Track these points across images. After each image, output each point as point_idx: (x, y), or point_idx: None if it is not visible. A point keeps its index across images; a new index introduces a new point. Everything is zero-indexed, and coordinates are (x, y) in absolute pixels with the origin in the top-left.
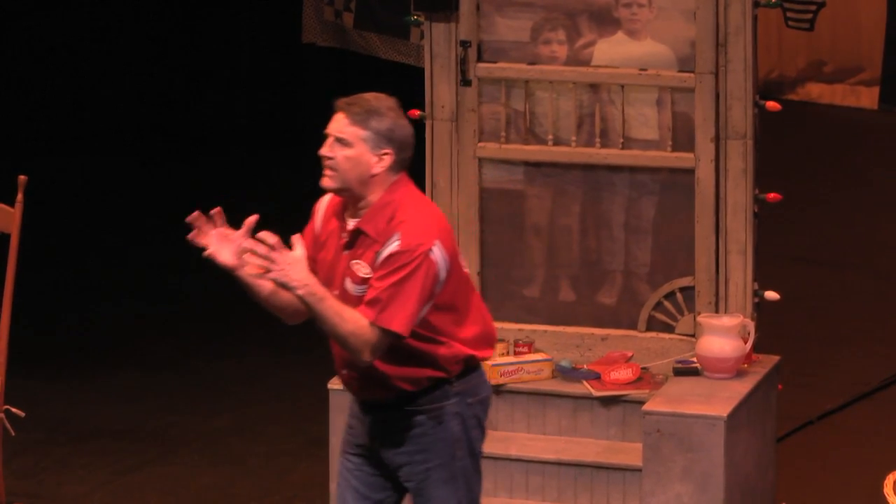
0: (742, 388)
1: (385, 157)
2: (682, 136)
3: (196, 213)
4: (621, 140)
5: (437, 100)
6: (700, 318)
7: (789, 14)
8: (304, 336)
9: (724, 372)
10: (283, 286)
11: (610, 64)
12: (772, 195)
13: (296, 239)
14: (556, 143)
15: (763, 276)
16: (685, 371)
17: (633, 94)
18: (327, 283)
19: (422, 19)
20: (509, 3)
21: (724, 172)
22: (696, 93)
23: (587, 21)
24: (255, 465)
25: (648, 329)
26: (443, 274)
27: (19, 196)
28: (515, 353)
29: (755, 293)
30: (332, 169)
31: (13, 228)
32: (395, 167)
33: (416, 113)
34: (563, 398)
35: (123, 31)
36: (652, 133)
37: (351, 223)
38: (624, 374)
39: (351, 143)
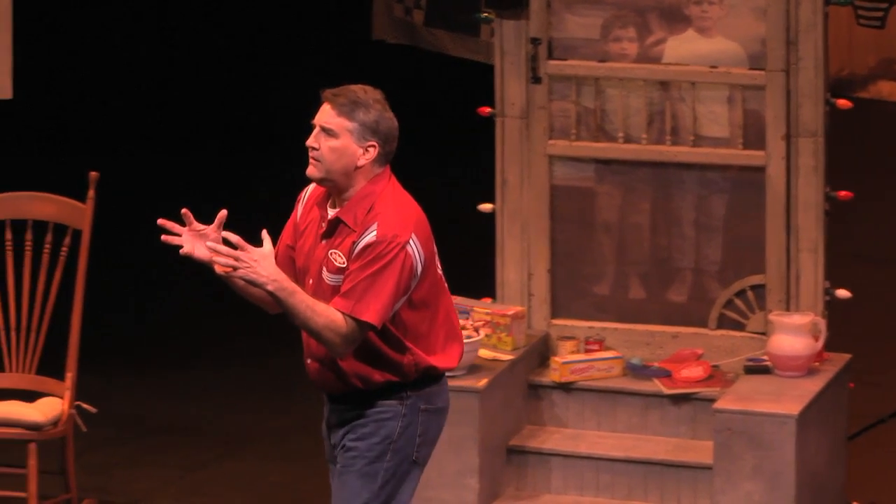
0: (813, 386)
1: (370, 149)
2: (752, 134)
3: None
4: (692, 137)
5: (508, 97)
6: (771, 316)
7: (860, 12)
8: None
9: (795, 370)
10: (252, 283)
11: (680, 61)
12: (843, 193)
13: (264, 234)
14: (627, 140)
15: (833, 275)
16: (756, 369)
17: (703, 92)
18: (304, 271)
19: (492, 16)
20: (580, 1)
21: (795, 170)
22: (767, 90)
23: (657, 18)
24: (323, 462)
25: (719, 327)
26: (418, 268)
27: (91, 192)
28: (586, 351)
29: (826, 291)
30: (316, 159)
31: (84, 224)
32: (380, 160)
33: (487, 110)
34: (633, 396)
35: (193, 27)
36: (722, 130)
37: (331, 213)
38: (694, 371)
39: (337, 133)
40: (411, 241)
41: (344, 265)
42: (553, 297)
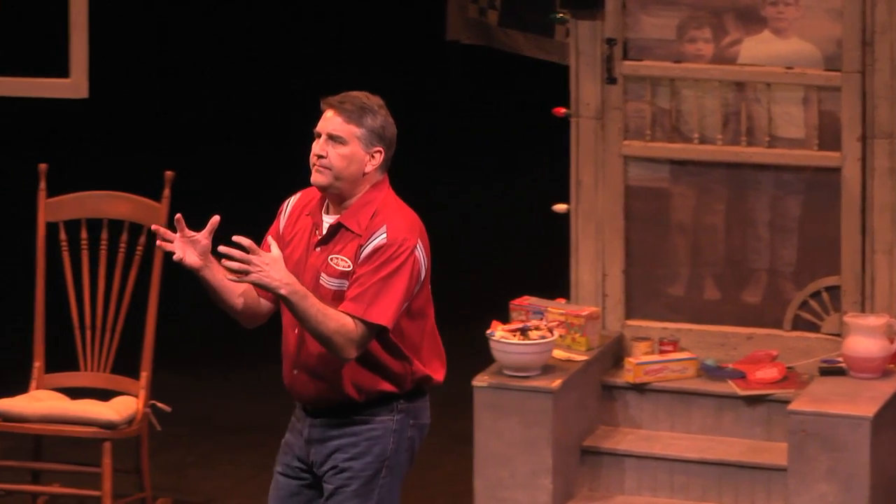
0: (888, 388)
1: (376, 155)
2: (827, 135)
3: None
4: (767, 138)
5: (583, 98)
6: (846, 318)
7: None
8: (446, 333)
9: (870, 372)
10: (264, 288)
11: (756, 62)
12: None
13: (270, 240)
14: (702, 141)
15: None
16: (831, 370)
17: (779, 93)
18: (300, 279)
19: (567, 17)
20: (655, 1)
21: (870, 171)
22: (843, 91)
23: (733, 19)
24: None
25: (794, 328)
26: (423, 274)
27: (166, 191)
28: (660, 352)
29: None
30: (325, 167)
31: (160, 224)
32: (383, 166)
33: (562, 111)
34: (707, 397)
35: (267, 25)
36: (798, 132)
37: (328, 219)
38: (769, 373)
39: (346, 140)
40: (418, 247)
41: (349, 268)
42: (627, 297)
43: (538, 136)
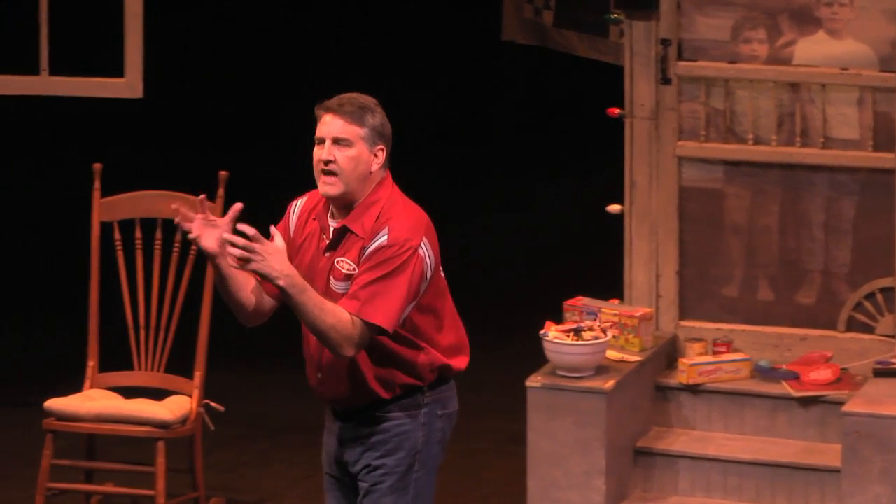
0: None
1: (379, 153)
2: (882, 136)
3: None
4: (821, 139)
5: (637, 98)
6: None
7: None
8: (499, 333)
9: None
10: (264, 277)
11: (810, 63)
12: None
13: (275, 230)
14: (756, 142)
15: None
16: (885, 372)
17: (833, 94)
18: (311, 284)
19: (622, 17)
20: (710, 2)
21: None
22: None
23: (787, 20)
24: (452, 461)
25: (848, 329)
26: (429, 272)
27: (220, 191)
28: (714, 353)
29: None
30: (333, 173)
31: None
32: (385, 163)
33: (616, 111)
34: (761, 398)
35: (321, 25)
36: (852, 133)
37: (335, 223)
38: (823, 374)
39: (352, 142)
40: (423, 245)
41: (353, 271)
42: (681, 298)
43: (592, 137)
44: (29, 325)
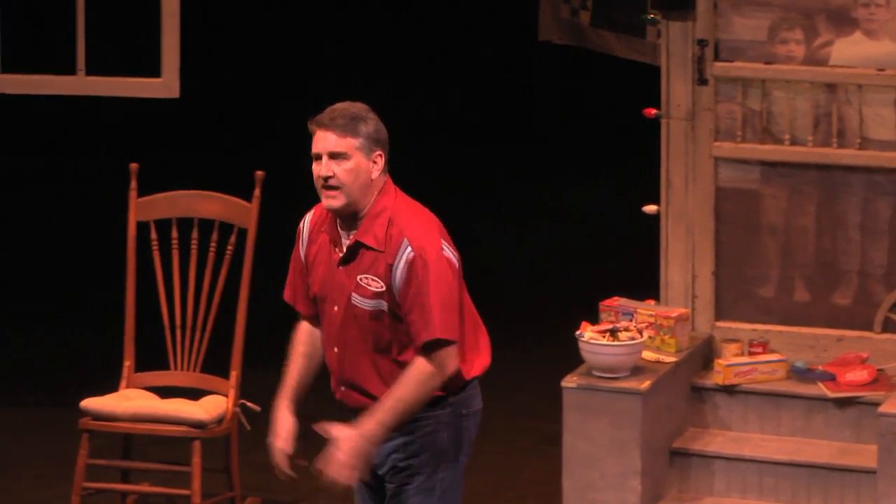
0: None
1: (378, 159)
2: None
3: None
4: (858, 140)
5: (674, 98)
6: None
7: None
8: (535, 333)
9: None
10: (363, 468)
11: (847, 64)
12: None
13: (328, 429)
14: (793, 142)
15: None
16: None
17: (870, 95)
18: (323, 299)
19: (659, 18)
20: (746, 2)
21: None
22: None
23: (824, 21)
24: (488, 461)
25: (884, 330)
26: (457, 266)
27: (256, 191)
28: (750, 354)
29: None
30: (334, 188)
31: (250, 223)
32: (385, 168)
33: (652, 112)
34: (797, 399)
35: (360, 26)
36: (889, 133)
37: (347, 237)
38: (859, 375)
39: (348, 154)
40: (443, 244)
41: (381, 289)
42: (717, 299)
43: (629, 137)
44: (65, 325)
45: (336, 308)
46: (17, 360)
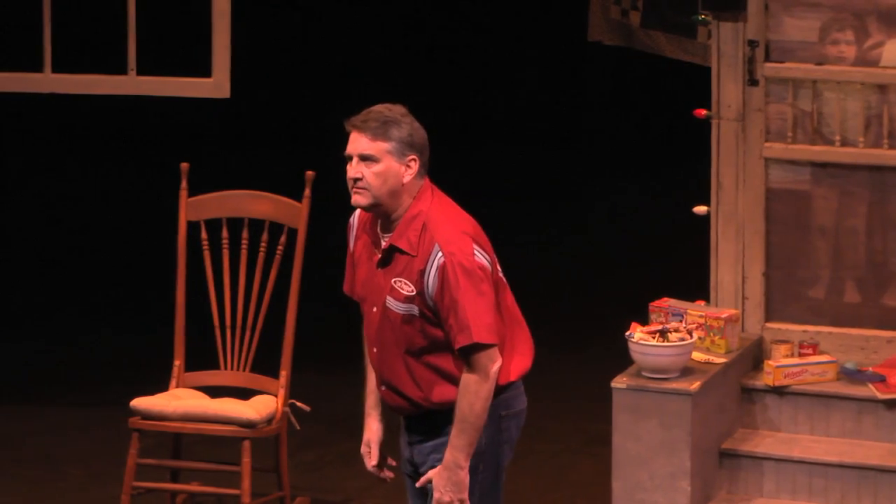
0: None
1: (412, 163)
2: None
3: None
4: None
5: (724, 99)
6: None
7: None
8: (584, 334)
9: None
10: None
11: None
12: None
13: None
14: (844, 143)
15: None
16: None
17: None
18: (364, 299)
19: (709, 18)
20: (797, 3)
21: None
22: None
23: (875, 21)
24: (536, 462)
25: None
26: (490, 270)
27: (306, 191)
28: (800, 355)
29: None
30: (363, 188)
31: (300, 223)
32: (421, 171)
33: (703, 112)
34: (847, 400)
35: (409, 25)
36: None
37: (383, 239)
38: None
39: (378, 158)
40: (476, 249)
41: (413, 293)
42: (767, 300)
43: (679, 138)
44: (116, 325)
45: (374, 309)
46: (67, 360)
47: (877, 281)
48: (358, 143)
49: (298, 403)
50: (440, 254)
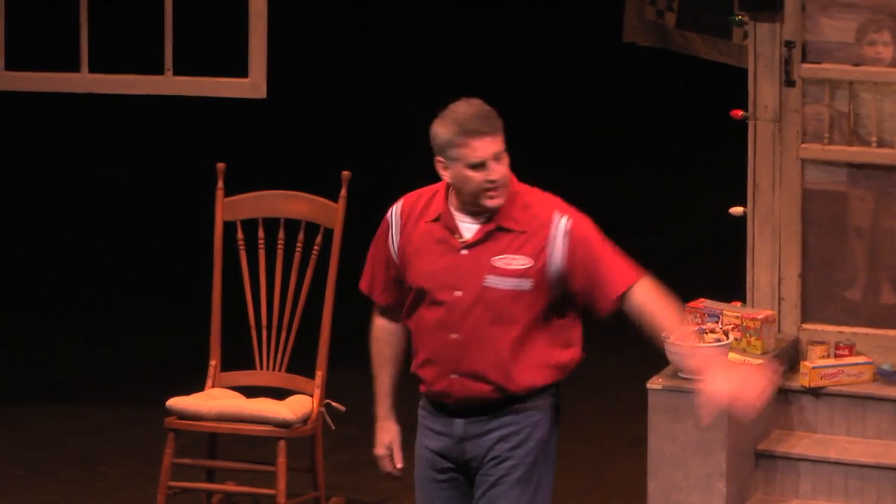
0: None
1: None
2: None
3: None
4: None
5: (761, 100)
6: None
7: None
8: (621, 334)
9: None
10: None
11: None
12: None
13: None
14: (880, 144)
15: None
16: None
17: None
18: (443, 287)
19: (745, 19)
20: (834, 4)
21: None
22: None
23: None
24: (572, 463)
25: None
26: None
27: (342, 192)
28: (836, 356)
29: None
30: (501, 187)
31: (336, 223)
32: None
33: (739, 113)
34: (883, 402)
35: (437, 26)
36: None
37: (476, 221)
38: None
39: (503, 152)
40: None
41: (527, 266)
42: (804, 301)
43: (715, 139)
44: (152, 324)
45: (458, 293)
46: (103, 359)
47: None
48: (488, 145)
49: (334, 403)
50: (563, 221)
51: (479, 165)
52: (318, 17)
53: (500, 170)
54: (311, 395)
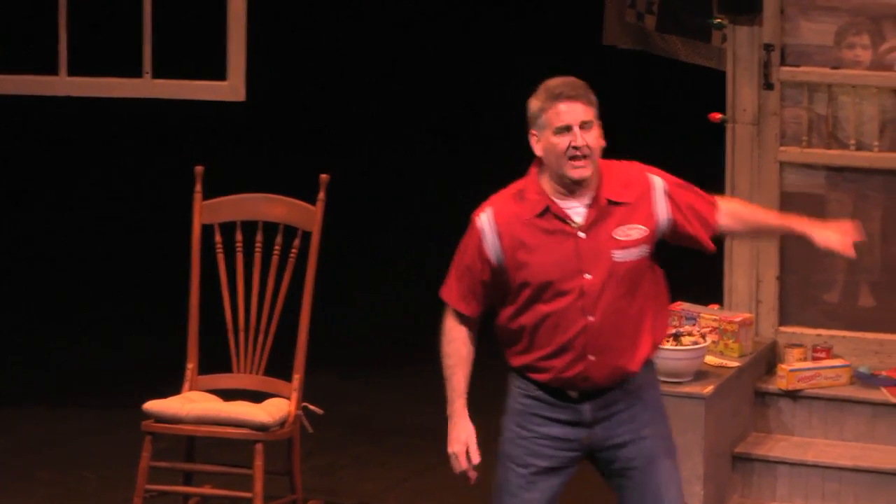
0: None
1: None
2: None
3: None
4: None
5: (739, 103)
6: None
7: None
8: None
9: None
10: None
11: None
12: None
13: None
14: (859, 147)
15: None
16: None
17: None
18: (569, 276)
19: (725, 22)
20: (814, 7)
21: None
22: None
23: (892, 26)
24: None
25: None
26: None
27: (320, 195)
28: (814, 359)
29: None
30: (586, 156)
31: (314, 226)
32: None
33: (718, 116)
34: (861, 404)
35: (420, 28)
36: None
37: (584, 203)
38: None
39: (593, 122)
40: None
41: (645, 232)
42: (781, 304)
43: (693, 142)
44: (129, 327)
45: (589, 276)
46: (81, 362)
47: (891, 285)
48: (576, 111)
49: (311, 406)
50: (655, 181)
51: (565, 129)
52: (297, 20)
53: (585, 138)
54: (289, 398)
